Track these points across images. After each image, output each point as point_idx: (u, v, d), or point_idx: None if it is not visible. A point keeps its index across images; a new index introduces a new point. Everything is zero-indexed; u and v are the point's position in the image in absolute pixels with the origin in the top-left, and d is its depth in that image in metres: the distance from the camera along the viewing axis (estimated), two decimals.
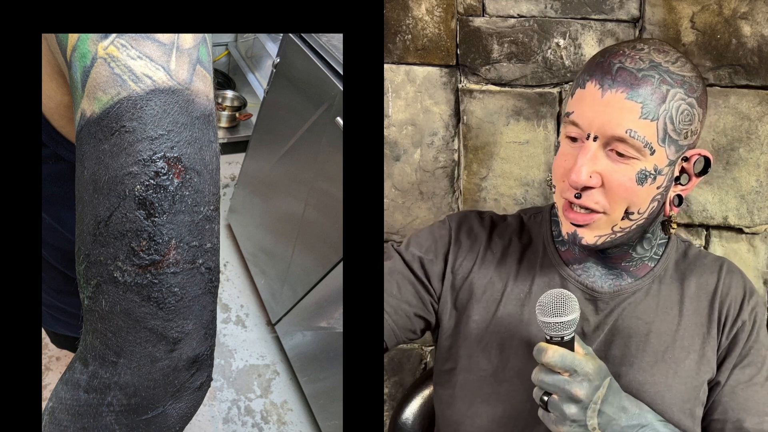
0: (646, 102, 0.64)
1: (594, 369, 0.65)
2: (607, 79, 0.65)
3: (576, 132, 0.67)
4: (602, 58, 0.67)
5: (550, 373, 0.65)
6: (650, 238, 0.75)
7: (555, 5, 1.03)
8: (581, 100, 0.67)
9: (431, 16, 1.07)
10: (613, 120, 0.64)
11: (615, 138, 0.64)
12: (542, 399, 0.66)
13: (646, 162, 0.65)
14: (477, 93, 1.08)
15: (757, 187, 1.02)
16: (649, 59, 0.65)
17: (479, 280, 0.79)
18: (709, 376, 0.74)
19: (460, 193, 1.13)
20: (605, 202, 0.67)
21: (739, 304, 0.75)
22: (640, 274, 0.76)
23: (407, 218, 1.15)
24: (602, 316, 0.75)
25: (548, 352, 0.64)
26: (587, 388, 0.64)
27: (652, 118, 0.64)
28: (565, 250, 0.78)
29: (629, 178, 0.65)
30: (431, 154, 1.12)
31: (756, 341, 0.75)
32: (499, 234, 0.82)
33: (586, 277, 0.76)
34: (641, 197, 0.66)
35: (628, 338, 0.74)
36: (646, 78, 0.64)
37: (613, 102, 0.64)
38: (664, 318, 0.75)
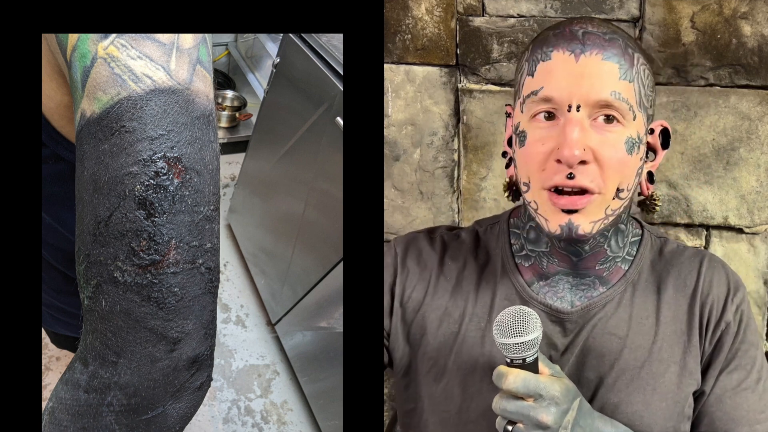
0: (621, 62, 0.60)
1: (561, 391, 0.59)
2: (577, 45, 0.60)
3: (549, 107, 0.61)
4: (557, 29, 0.62)
5: (512, 400, 0.59)
6: (623, 231, 0.68)
7: (555, 5, 1.03)
8: (549, 72, 0.61)
9: (431, 16, 1.07)
10: (595, 84, 0.59)
11: (600, 103, 0.59)
12: (506, 429, 0.60)
13: (630, 129, 0.61)
14: (477, 93, 1.08)
15: (757, 187, 1.02)
16: (604, 25, 0.62)
17: (432, 312, 0.72)
18: (694, 388, 0.68)
19: (460, 193, 1.13)
20: (599, 180, 0.61)
21: (722, 304, 0.68)
22: (612, 280, 0.69)
23: (407, 218, 1.15)
24: (571, 337, 0.68)
25: (509, 377, 0.58)
26: (555, 413, 0.58)
27: (630, 80, 0.60)
28: (529, 266, 0.70)
29: (619, 148, 0.60)
30: (431, 154, 1.12)
31: (743, 342, 0.68)
32: (452, 256, 0.74)
33: (553, 294, 0.69)
34: (630, 169, 0.61)
35: (601, 357, 0.67)
36: (613, 40, 0.61)
37: (590, 65, 0.59)
38: (638, 330, 0.68)
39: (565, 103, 0.60)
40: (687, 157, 1.03)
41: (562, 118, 0.60)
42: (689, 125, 1.02)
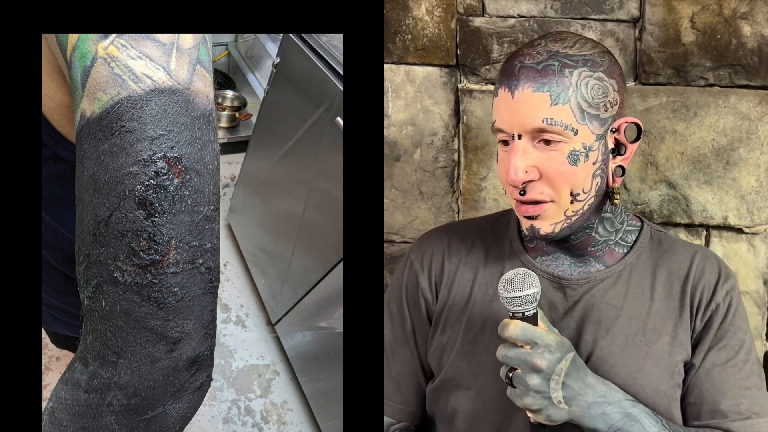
0: (553, 89, 0.67)
1: (555, 341, 0.67)
2: (513, 81, 0.69)
3: (503, 136, 0.71)
4: (507, 64, 0.71)
5: (512, 348, 0.67)
6: (612, 219, 0.76)
7: (555, 5, 1.03)
8: (497, 107, 0.71)
9: (431, 16, 1.07)
10: (528, 115, 0.68)
11: (536, 130, 0.68)
12: (507, 375, 0.68)
13: (573, 143, 0.68)
14: (477, 93, 1.08)
15: (757, 187, 1.02)
16: (546, 51, 0.69)
17: (450, 294, 0.82)
18: (683, 357, 0.74)
19: (460, 193, 1.13)
20: (549, 191, 0.70)
21: (712, 288, 0.75)
22: (609, 261, 0.77)
23: (407, 218, 1.15)
24: (571, 303, 0.76)
25: (510, 326, 0.66)
26: (548, 358, 0.66)
27: (563, 102, 0.67)
28: (533, 246, 0.80)
29: (562, 162, 0.68)
30: (431, 154, 1.12)
31: (732, 324, 0.74)
32: (461, 238, 0.84)
33: (555, 266, 0.78)
34: (580, 177, 0.69)
35: (598, 323, 0.75)
36: (547, 68, 0.68)
37: (523, 100, 0.68)
38: (634, 303, 0.76)
39: (509, 133, 0.70)
40: (687, 157, 1.03)
41: (511, 146, 0.70)
42: (689, 125, 1.02)
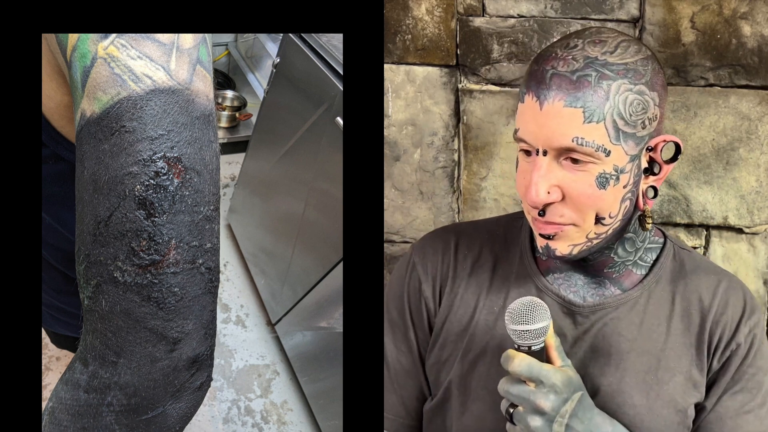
0: (587, 105, 0.59)
1: (562, 380, 0.61)
2: (542, 90, 0.60)
3: (526, 146, 0.63)
4: (536, 65, 0.62)
5: (516, 383, 0.62)
6: (633, 239, 0.68)
7: (555, 5, 1.03)
8: (522, 115, 0.63)
9: (431, 16, 1.07)
10: (556, 131, 0.60)
11: (563, 148, 0.60)
12: (508, 411, 0.63)
13: (604, 164, 0.60)
14: (477, 93, 1.08)
15: (757, 187, 1.02)
16: (583, 56, 0.60)
17: (453, 307, 0.75)
18: (696, 399, 0.68)
19: (460, 193, 1.13)
20: (571, 214, 0.62)
21: (735, 325, 0.68)
22: (626, 285, 0.70)
23: (407, 218, 1.15)
24: (581, 331, 0.69)
25: (515, 360, 0.61)
26: (553, 400, 0.61)
27: (598, 120, 0.59)
28: (545, 260, 0.72)
29: (589, 184, 0.61)
30: (431, 154, 1.12)
31: (751, 366, 0.68)
32: (468, 245, 0.76)
33: (567, 287, 0.70)
34: (608, 201, 0.62)
35: (608, 356, 0.68)
36: (582, 79, 0.59)
37: (552, 113, 0.59)
38: (648, 336, 0.69)
39: (533, 147, 0.62)
40: (687, 157, 1.03)
41: (534, 159, 0.63)
42: (689, 125, 1.02)
